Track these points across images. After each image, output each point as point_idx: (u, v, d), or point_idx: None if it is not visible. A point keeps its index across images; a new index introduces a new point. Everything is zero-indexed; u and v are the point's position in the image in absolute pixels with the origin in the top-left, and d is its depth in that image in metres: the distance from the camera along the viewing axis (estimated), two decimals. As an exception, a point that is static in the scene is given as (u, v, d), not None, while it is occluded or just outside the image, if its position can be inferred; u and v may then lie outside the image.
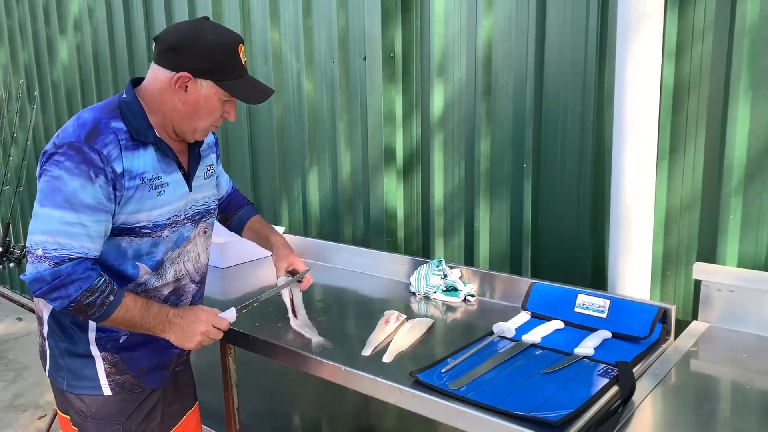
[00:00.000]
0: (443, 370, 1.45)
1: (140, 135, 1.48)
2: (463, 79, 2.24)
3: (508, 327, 1.66)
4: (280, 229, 2.64)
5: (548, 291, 1.80)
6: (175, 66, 1.46)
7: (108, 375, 1.57)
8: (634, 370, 1.42)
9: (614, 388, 1.34)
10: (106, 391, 1.57)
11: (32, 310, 4.90)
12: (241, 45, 1.51)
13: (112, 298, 1.43)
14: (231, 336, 1.79)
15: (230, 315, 1.62)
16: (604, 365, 1.45)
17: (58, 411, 1.71)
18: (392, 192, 2.46)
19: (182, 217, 1.59)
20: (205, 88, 1.47)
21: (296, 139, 2.80)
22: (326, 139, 2.68)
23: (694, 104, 1.77)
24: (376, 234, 2.51)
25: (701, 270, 1.71)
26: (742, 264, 1.72)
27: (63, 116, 4.33)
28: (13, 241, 3.94)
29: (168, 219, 1.54)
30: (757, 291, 1.63)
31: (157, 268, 1.57)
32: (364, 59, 2.43)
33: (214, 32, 1.47)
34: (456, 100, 2.27)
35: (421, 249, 2.50)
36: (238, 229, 1.97)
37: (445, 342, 1.66)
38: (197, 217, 1.65)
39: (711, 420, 1.26)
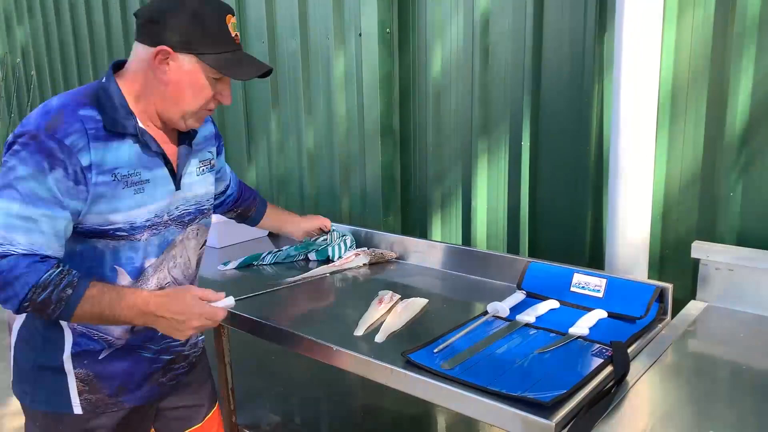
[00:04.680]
0: (435, 350, 1.43)
1: (117, 126, 1.31)
2: (461, 55, 2.20)
3: (502, 306, 1.63)
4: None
5: (544, 270, 1.77)
6: (153, 40, 1.30)
7: (80, 393, 1.42)
8: (629, 350, 1.40)
9: (608, 369, 1.32)
10: (77, 410, 1.42)
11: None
12: (229, 15, 1.34)
13: (70, 291, 1.25)
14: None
15: (228, 303, 1.41)
16: (598, 345, 1.43)
17: None
18: (388, 169, 2.44)
19: (165, 218, 1.42)
20: (186, 63, 1.31)
21: (292, 117, 2.76)
22: (322, 115, 2.65)
23: (695, 77, 1.73)
24: (373, 211, 2.49)
25: (700, 248, 1.68)
26: (741, 242, 1.69)
27: (60, 96, 4.30)
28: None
29: (148, 220, 1.38)
30: (756, 270, 1.60)
31: (138, 275, 1.41)
32: (360, 35, 2.39)
33: (198, 1, 1.31)
34: (453, 78, 2.23)
35: (418, 229, 2.47)
36: (256, 221, 2.03)
37: (439, 322, 1.64)
38: (187, 218, 1.48)
39: (706, 400, 1.24)
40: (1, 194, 1.25)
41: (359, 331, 1.56)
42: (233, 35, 1.35)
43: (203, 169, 1.54)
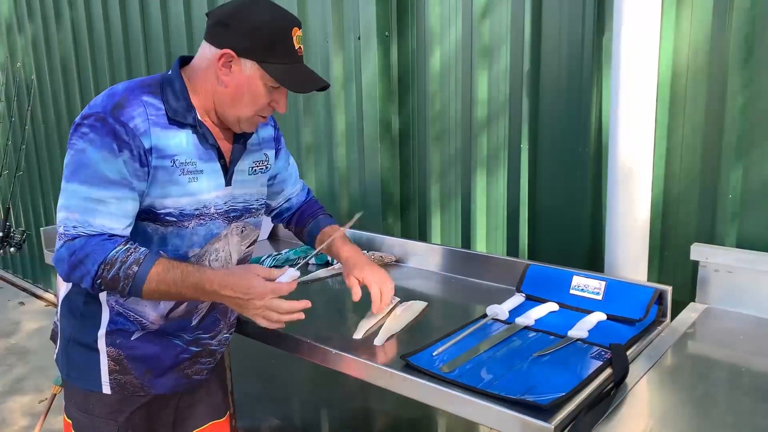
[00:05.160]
0: (434, 353, 1.43)
1: (178, 115, 1.38)
2: (459, 56, 2.20)
3: (501, 309, 1.63)
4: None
5: (543, 273, 1.77)
6: (220, 42, 1.35)
7: (111, 373, 1.46)
8: (628, 352, 1.40)
9: (607, 371, 1.32)
10: (106, 389, 1.47)
11: (35, 295, 4.91)
12: (296, 28, 1.37)
13: (136, 268, 1.29)
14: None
15: (292, 275, 1.39)
16: (597, 348, 1.43)
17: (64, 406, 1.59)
18: (387, 172, 2.44)
19: (212, 210, 1.45)
20: (248, 69, 1.35)
21: (290, 119, 2.77)
22: (320, 118, 2.65)
23: (694, 76, 1.73)
24: (373, 214, 2.49)
25: (699, 250, 1.68)
26: (741, 244, 1.69)
27: (59, 99, 4.31)
28: (13, 225, 3.94)
29: (196, 209, 1.42)
30: (755, 272, 1.60)
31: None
32: (359, 39, 2.39)
33: (268, 10, 1.36)
34: (452, 80, 2.24)
35: (417, 232, 2.48)
36: (311, 239, 1.75)
37: (438, 325, 1.64)
38: (232, 214, 1.51)
39: (705, 402, 1.24)
40: (74, 178, 1.32)
41: (359, 335, 1.56)
42: (296, 48, 1.38)
43: (256, 170, 1.57)
